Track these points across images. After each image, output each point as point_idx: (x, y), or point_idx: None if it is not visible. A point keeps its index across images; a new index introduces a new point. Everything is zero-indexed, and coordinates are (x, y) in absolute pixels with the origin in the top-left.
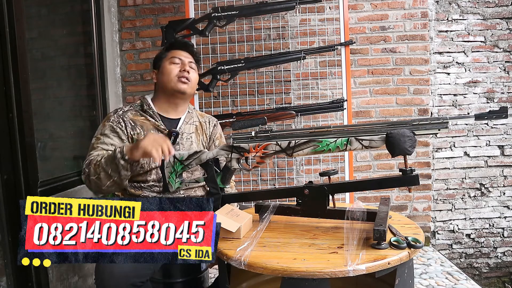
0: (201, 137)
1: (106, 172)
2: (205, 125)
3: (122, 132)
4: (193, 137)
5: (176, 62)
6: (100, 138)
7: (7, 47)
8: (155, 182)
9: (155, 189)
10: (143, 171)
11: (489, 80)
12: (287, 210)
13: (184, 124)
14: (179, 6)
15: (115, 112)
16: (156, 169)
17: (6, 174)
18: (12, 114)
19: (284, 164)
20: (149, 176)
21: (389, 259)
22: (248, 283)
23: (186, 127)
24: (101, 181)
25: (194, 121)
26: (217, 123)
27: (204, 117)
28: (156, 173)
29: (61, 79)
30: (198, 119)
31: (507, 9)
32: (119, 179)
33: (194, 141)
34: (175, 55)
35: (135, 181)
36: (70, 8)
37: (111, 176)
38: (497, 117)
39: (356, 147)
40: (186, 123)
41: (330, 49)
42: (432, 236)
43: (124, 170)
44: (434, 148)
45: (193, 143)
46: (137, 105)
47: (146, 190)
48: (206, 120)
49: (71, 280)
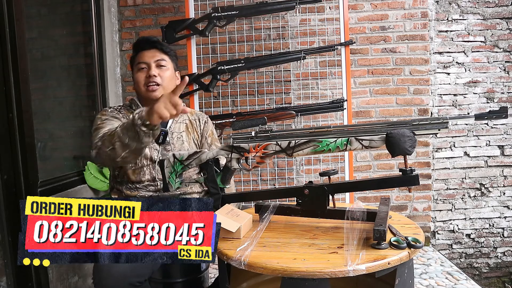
0: (192, 135)
1: (122, 141)
2: (195, 122)
3: (121, 116)
4: (184, 135)
5: (142, 67)
6: (104, 121)
7: (7, 47)
8: (150, 182)
9: (151, 188)
10: (135, 167)
11: (489, 80)
12: (287, 210)
13: (174, 123)
14: (179, 6)
15: (110, 107)
16: (148, 169)
17: (6, 174)
18: (12, 114)
19: (284, 164)
20: (143, 176)
21: (389, 259)
22: (248, 283)
23: (176, 126)
24: (115, 151)
25: (184, 120)
26: (208, 120)
27: (194, 114)
28: (150, 173)
29: (61, 79)
30: (188, 117)
31: (507, 9)
32: (138, 147)
33: (185, 140)
34: (140, 60)
35: (130, 183)
36: (70, 8)
37: (128, 146)
38: (497, 117)
39: (356, 147)
40: (176, 121)
41: (330, 49)
42: (432, 236)
43: (146, 137)
44: (434, 148)
45: (184, 142)
46: (127, 105)
47: (141, 190)
48: (196, 117)
49: (71, 280)
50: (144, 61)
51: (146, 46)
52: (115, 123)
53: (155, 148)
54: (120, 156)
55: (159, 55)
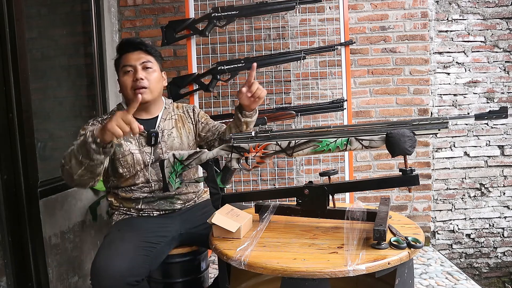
0: (184, 129)
1: (77, 159)
2: (184, 115)
3: None
4: (174, 132)
5: (128, 70)
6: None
7: (7, 47)
8: (144, 183)
9: (145, 189)
10: (129, 175)
11: (489, 80)
12: (287, 210)
13: (162, 121)
14: (179, 6)
15: (93, 119)
16: (142, 172)
17: (6, 174)
18: (12, 114)
19: (284, 164)
20: (137, 179)
21: (389, 259)
22: (248, 283)
23: (165, 123)
24: (72, 169)
25: (172, 116)
26: (195, 107)
27: (180, 108)
28: (143, 175)
29: (61, 79)
30: (176, 112)
31: (507, 9)
32: (91, 165)
33: (175, 136)
34: (125, 63)
35: (124, 186)
36: (70, 8)
37: (82, 163)
38: (497, 117)
39: (356, 147)
40: (164, 120)
41: (330, 49)
42: (432, 236)
43: (96, 154)
44: (434, 148)
45: (175, 139)
46: (114, 112)
47: (136, 192)
48: (184, 110)
49: (71, 280)
50: (130, 63)
51: (130, 48)
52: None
53: (147, 152)
54: (76, 173)
55: (144, 57)
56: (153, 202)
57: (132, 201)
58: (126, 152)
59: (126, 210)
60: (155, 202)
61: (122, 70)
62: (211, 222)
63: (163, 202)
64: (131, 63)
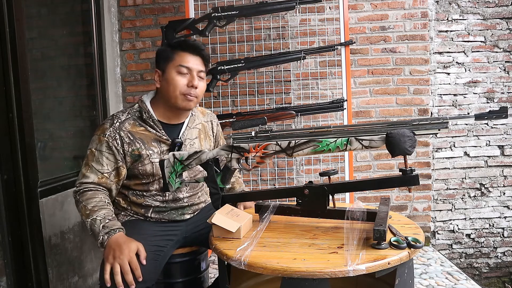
0: (205, 142)
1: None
2: (208, 125)
3: (117, 151)
4: (196, 142)
5: (184, 72)
6: (95, 154)
7: (7, 47)
8: (157, 191)
9: (158, 198)
10: (146, 181)
11: (489, 80)
12: (287, 210)
13: (187, 129)
14: (179, 6)
15: (111, 124)
16: (159, 180)
17: (6, 174)
18: (12, 114)
19: (284, 164)
20: (152, 186)
21: (389, 259)
22: (248, 283)
23: (189, 132)
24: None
25: (196, 124)
26: (217, 122)
27: (205, 115)
28: (159, 182)
29: (61, 79)
30: (201, 120)
31: (507, 9)
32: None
33: (197, 147)
34: (183, 63)
35: (136, 189)
36: (70, 8)
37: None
38: (497, 117)
39: (356, 147)
40: (189, 128)
41: (330, 49)
42: (432, 236)
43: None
44: (434, 148)
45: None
46: (135, 111)
47: (148, 198)
48: (208, 119)
49: (71, 280)
50: (189, 66)
51: (192, 51)
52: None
53: None
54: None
55: (202, 66)
56: (163, 212)
57: (142, 207)
58: (146, 161)
59: (133, 213)
60: (166, 212)
61: (176, 68)
62: (211, 222)
63: (174, 212)
64: (190, 66)
